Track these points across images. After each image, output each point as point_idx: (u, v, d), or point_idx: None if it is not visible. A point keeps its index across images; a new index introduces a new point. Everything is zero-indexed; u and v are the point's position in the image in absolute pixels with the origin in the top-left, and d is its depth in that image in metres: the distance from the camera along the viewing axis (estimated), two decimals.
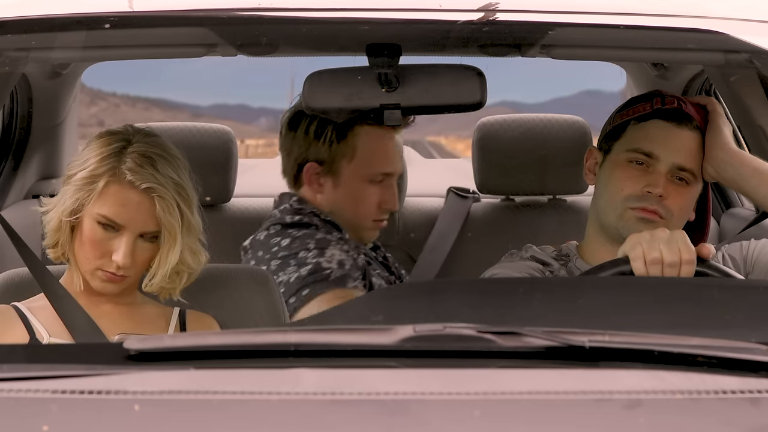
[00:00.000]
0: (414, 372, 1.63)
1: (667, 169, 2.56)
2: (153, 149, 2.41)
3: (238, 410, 1.53)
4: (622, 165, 2.58)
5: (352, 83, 2.37)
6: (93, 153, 2.42)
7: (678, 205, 2.56)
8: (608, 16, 2.18)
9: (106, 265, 2.39)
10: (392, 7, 2.12)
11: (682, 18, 2.20)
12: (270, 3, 2.12)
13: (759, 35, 2.18)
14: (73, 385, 1.59)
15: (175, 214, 2.39)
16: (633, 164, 2.57)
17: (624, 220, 2.54)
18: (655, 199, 2.54)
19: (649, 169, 2.56)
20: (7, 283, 2.60)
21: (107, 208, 2.38)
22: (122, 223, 2.38)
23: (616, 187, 2.57)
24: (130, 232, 2.38)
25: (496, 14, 2.10)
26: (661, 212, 2.53)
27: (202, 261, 2.49)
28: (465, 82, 2.37)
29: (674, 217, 2.56)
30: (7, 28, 2.20)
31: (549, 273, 2.57)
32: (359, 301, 2.09)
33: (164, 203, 2.38)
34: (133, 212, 2.38)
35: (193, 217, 2.44)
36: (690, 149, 2.58)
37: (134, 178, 2.37)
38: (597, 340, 1.65)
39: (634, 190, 2.55)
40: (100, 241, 2.39)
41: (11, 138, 3.91)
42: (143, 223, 2.39)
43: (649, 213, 2.53)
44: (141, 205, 2.38)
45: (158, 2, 2.19)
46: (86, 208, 2.39)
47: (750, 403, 1.57)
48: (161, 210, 2.37)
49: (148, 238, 2.40)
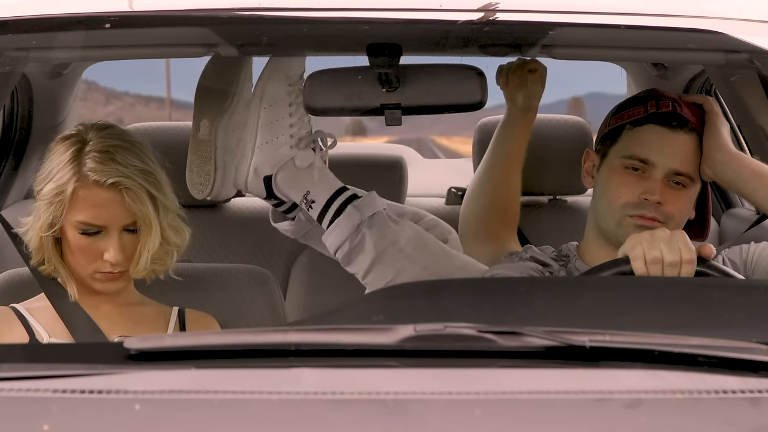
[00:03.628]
0: (414, 372, 1.63)
1: (663, 175, 2.55)
2: (109, 141, 2.40)
3: (238, 410, 1.53)
4: (619, 171, 2.58)
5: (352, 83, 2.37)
6: (54, 163, 2.41)
7: (677, 209, 2.56)
8: (608, 16, 2.18)
9: (101, 266, 2.39)
10: (392, 7, 2.12)
11: (683, 18, 2.20)
12: (270, 3, 2.12)
13: (759, 35, 2.18)
14: (74, 385, 1.59)
15: (145, 201, 2.37)
16: (629, 170, 2.56)
17: (623, 227, 2.54)
18: (653, 206, 2.53)
19: (645, 175, 2.55)
20: (7, 283, 2.60)
21: (83, 213, 2.37)
22: (102, 223, 2.37)
23: (613, 193, 2.56)
24: (113, 229, 2.38)
25: (496, 14, 2.09)
26: (660, 218, 2.53)
27: (186, 236, 2.48)
28: (465, 82, 2.38)
29: (674, 221, 2.55)
30: (8, 28, 2.20)
31: (548, 274, 2.57)
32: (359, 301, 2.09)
33: (132, 194, 2.37)
34: (108, 210, 2.37)
35: (166, 197, 2.42)
36: (686, 153, 2.57)
37: (98, 177, 2.36)
38: (597, 340, 1.65)
39: (631, 198, 2.54)
40: (87, 246, 2.38)
41: (11, 138, 3.91)
42: (122, 217, 2.38)
43: (647, 220, 2.53)
44: (114, 201, 2.37)
45: (158, 2, 2.19)
46: (63, 219, 2.38)
47: (750, 403, 1.57)
48: (131, 201, 2.36)
49: (131, 229, 2.40)
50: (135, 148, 2.41)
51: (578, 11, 2.18)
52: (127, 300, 2.50)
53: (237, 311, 2.64)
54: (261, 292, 2.70)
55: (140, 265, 2.41)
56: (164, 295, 2.55)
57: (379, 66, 2.31)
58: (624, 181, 2.56)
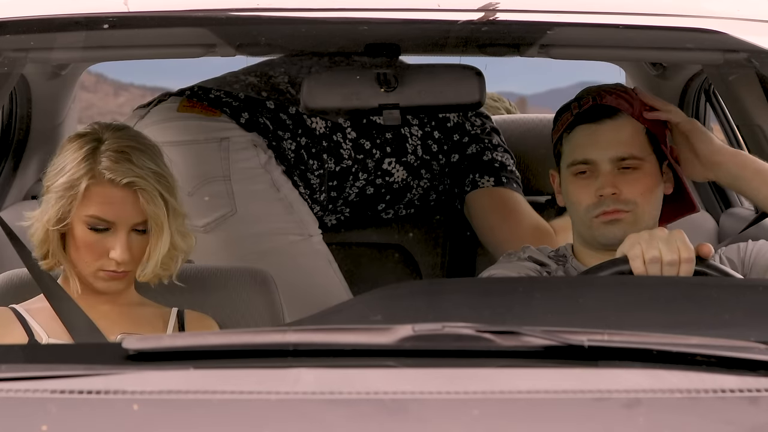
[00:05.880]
0: (413, 371, 1.63)
1: (608, 168, 2.55)
2: (126, 143, 2.41)
3: (237, 410, 1.53)
4: (571, 180, 2.59)
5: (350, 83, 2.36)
6: (67, 159, 2.42)
7: (637, 192, 2.54)
8: (608, 15, 2.18)
9: (106, 265, 2.39)
10: (391, 7, 2.12)
11: (681, 17, 2.20)
12: (269, 3, 2.12)
13: (758, 35, 2.19)
14: (72, 385, 1.59)
15: (159, 203, 2.39)
16: (579, 176, 2.57)
17: (594, 229, 2.54)
18: (610, 200, 2.53)
19: (594, 175, 2.55)
20: (6, 284, 2.60)
21: (94, 208, 2.38)
22: (112, 219, 2.38)
23: (575, 203, 2.58)
24: (122, 228, 2.39)
25: (496, 14, 2.10)
26: (622, 207, 2.53)
27: (192, 242, 2.50)
28: (463, 82, 2.37)
29: (640, 205, 2.54)
30: (7, 29, 2.20)
31: (546, 273, 2.57)
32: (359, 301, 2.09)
33: (147, 195, 2.38)
34: (119, 208, 2.38)
35: (177, 201, 2.44)
36: (622, 138, 2.56)
37: (114, 176, 2.37)
38: (596, 340, 1.65)
39: (589, 200, 2.54)
40: (94, 243, 2.39)
41: (10, 138, 3.91)
42: (132, 216, 2.39)
43: (610, 214, 2.52)
44: (126, 200, 2.38)
45: (154, 2, 2.19)
46: (72, 214, 2.38)
47: (749, 402, 1.56)
48: (145, 202, 2.38)
49: (139, 229, 2.40)
50: (149, 151, 2.43)
51: (577, 11, 2.18)
52: (127, 300, 2.50)
53: (236, 311, 2.64)
54: (260, 293, 2.70)
55: (148, 268, 2.42)
56: (163, 296, 2.55)
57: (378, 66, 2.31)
58: (577, 187, 2.57)
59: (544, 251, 2.66)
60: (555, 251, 2.67)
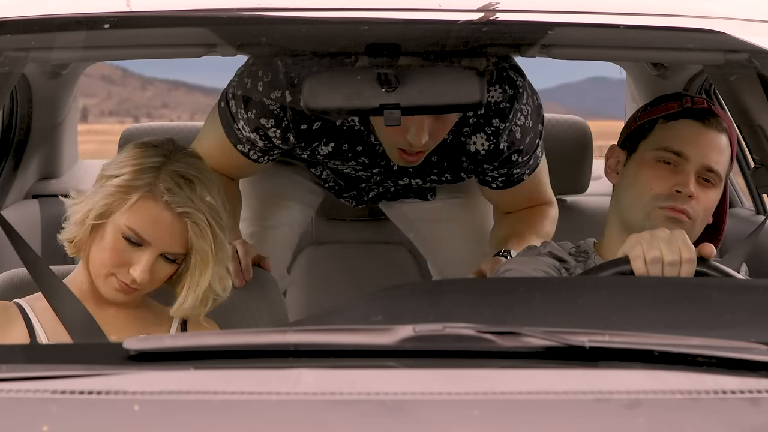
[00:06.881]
0: (413, 372, 1.63)
1: (696, 169, 2.54)
2: (192, 170, 2.39)
3: (237, 410, 1.53)
4: (651, 164, 2.56)
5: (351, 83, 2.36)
6: (130, 161, 2.39)
7: (703, 207, 2.55)
8: (608, 15, 2.18)
9: (122, 275, 2.37)
10: (392, 7, 2.12)
11: (682, 18, 2.20)
12: (269, 3, 2.12)
13: (759, 35, 2.18)
14: (73, 386, 1.59)
15: (208, 239, 2.37)
16: (662, 163, 2.55)
17: (651, 219, 2.51)
18: (684, 199, 2.52)
19: (677, 169, 2.54)
20: (7, 283, 2.60)
21: (136, 221, 2.35)
22: (148, 239, 2.36)
23: (644, 185, 2.55)
24: (154, 250, 2.36)
25: (496, 14, 2.10)
26: (690, 212, 2.52)
27: (228, 286, 2.47)
28: (464, 82, 2.37)
29: (698, 220, 2.54)
30: (7, 28, 2.19)
31: (564, 270, 2.56)
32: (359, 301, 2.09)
33: (198, 229, 2.36)
34: (162, 232, 2.36)
35: (225, 241, 2.42)
36: (719, 150, 2.58)
37: (171, 200, 2.35)
38: (597, 340, 1.65)
39: (663, 189, 2.53)
40: (121, 251, 2.37)
41: (11, 138, 3.92)
42: (169, 243, 2.37)
43: (677, 212, 2.51)
44: (173, 227, 2.36)
45: (156, 2, 2.19)
46: (114, 216, 2.36)
47: (750, 403, 1.57)
48: (194, 235, 2.36)
49: (169, 258, 2.39)
50: (211, 185, 2.41)
51: (578, 11, 2.18)
52: (132, 303, 2.49)
53: (236, 312, 2.64)
54: (261, 293, 2.70)
55: (188, 303, 2.40)
56: (165, 297, 2.55)
57: (379, 66, 2.30)
58: (656, 173, 2.55)
59: (565, 247, 2.64)
60: (576, 247, 2.65)
